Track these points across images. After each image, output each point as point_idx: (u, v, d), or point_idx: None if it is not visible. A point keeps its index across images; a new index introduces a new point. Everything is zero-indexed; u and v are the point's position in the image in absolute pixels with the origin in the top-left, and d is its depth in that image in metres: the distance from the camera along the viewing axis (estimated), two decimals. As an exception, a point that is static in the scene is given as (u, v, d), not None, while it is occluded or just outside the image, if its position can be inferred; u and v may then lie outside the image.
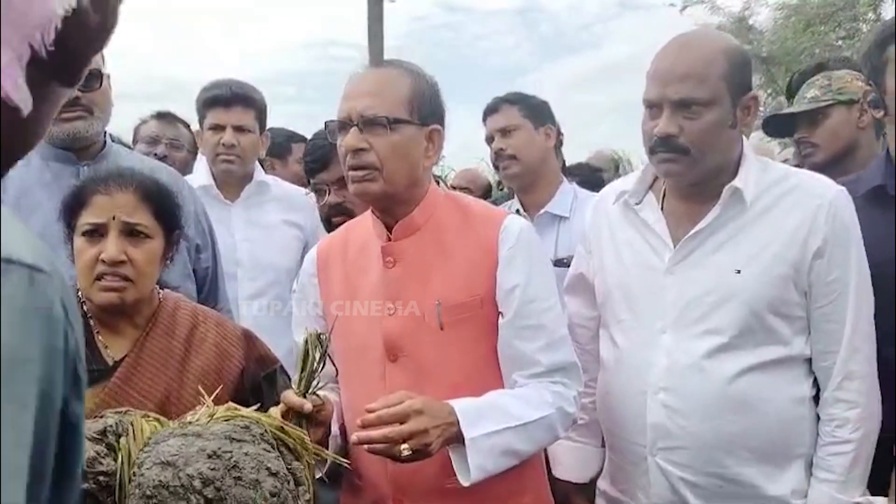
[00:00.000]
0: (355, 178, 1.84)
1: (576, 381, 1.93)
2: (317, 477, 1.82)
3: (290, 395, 1.72)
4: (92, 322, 1.84)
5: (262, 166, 3.44)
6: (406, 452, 1.64)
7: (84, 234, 1.82)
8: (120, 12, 0.65)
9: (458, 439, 1.73)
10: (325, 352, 1.75)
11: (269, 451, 1.54)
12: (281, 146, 3.93)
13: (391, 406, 1.68)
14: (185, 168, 3.51)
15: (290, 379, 1.99)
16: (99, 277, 1.80)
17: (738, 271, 1.93)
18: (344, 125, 1.84)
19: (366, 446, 1.68)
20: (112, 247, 1.80)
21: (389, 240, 1.91)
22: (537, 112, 3.08)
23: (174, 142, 3.59)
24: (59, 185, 2.15)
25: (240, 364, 1.93)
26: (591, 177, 4.99)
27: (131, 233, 1.83)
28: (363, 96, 1.82)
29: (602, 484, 2.24)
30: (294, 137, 4.03)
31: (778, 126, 3.19)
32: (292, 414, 1.72)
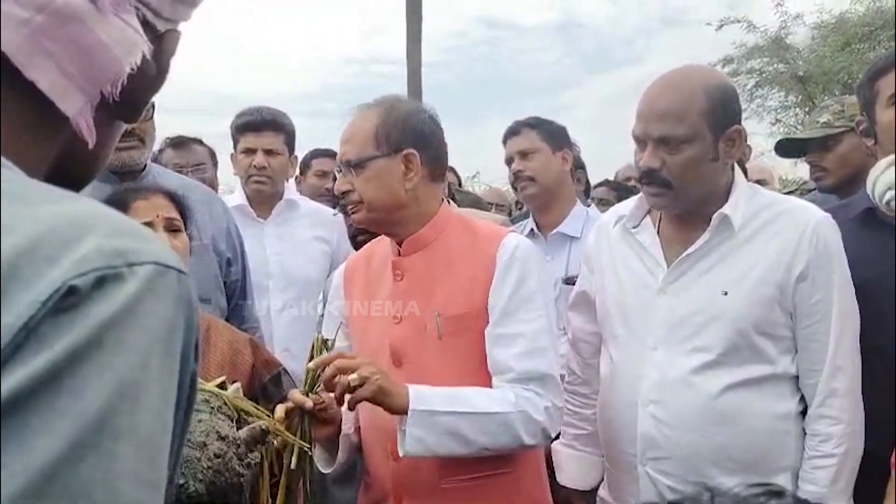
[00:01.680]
0: (349, 212, 2.13)
1: (551, 393, 2.03)
2: (325, 472, 2.08)
3: (295, 393, 1.95)
4: None
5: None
6: (352, 377, 1.83)
7: None
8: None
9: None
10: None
11: (223, 421, 1.71)
12: (302, 162, 4.19)
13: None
14: (213, 185, 3.82)
15: (292, 379, 2.27)
16: None
17: (726, 292, 2.07)
18: (338, 170, 2.12)
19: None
20: (175, 242, 2.08)
21: (400, 255, 2.10)
22: (555, 136, 3.23)
23: (198, 167, 3.84)
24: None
25: (250, 360, 2.18)
26: (623, 189, 5.15)
27: (171, 228, 2.10)
28: (341, 144, 2.11)
29: (602, 492, 2.40)
30: (314, 153, 4.31)
31: (791, 148, 3.31)
32: (297, 412, 1.93)
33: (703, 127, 2.03)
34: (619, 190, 5.07)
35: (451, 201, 2.57)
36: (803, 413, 2.11)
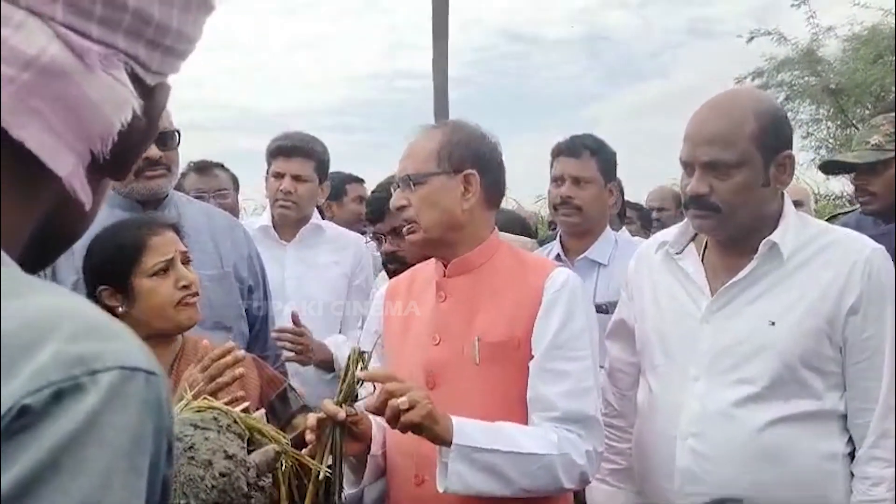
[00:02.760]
0: (404, 232, 2.12)
1: (594, 438, 2.01)
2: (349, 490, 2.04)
3: (328, 403, 1.89)
4: None
5: (321, 210, 3.72)
6: (402, 400, 1.79)
7: (155, 273, 2.08)
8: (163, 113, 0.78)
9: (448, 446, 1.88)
10: (366, 369, 1.93)
11: (231, 440, 1.66)
12: (336, 188, 4.22)
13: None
14: (234, 210, 3.90)
15: (298, 395, 2.26)
16: (179, 302, 2.09)
17: (773, 323, 2.02)
18: (396, 186, 2.12)
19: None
20: (189, 273, 2.13)
21: (444, 276, 2.10)
22: (609, 168, 3.13)
23: (220, 192, 3.87)
24: None
25: (257, 381, 2.19)
26: (646, 217, 5.07)
27: (186, 261, 2.15)
28: (402, 161, 2.13)
29: (636, 529, 2.32)
30: (349, 179, 4.37)
31: (836, 167, 3.23)
32: (329, 423, 1.88)
33: (753, 152, 1.99)
34: (641, 218, 5.01)
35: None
36: (850, 454, 2.04)
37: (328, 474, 1.85)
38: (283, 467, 1.77)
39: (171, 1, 0.70)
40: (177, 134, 2.57)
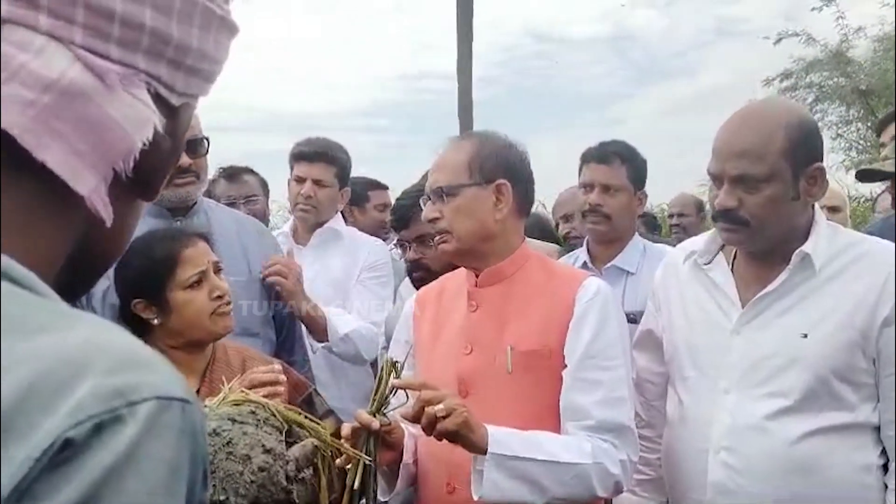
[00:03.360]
0: (436, 243, 2.14)
1: (628, 447, 2.02)
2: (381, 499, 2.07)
3: (362, 414, 1.91)
4: None
5: (342, 215, 3.76)
6: (439, 407, 1.80)
7: (189, 286, 2.12)
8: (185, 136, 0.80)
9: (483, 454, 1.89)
10: (399, 378, 1.95)
11: (269, 434, 1.68)
12: (359, 194, 4.24)
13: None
14: (264, 215, 3.95)
15: (323, 399, 2.31)
16: (213, 312, 2.14)
17: (805, 335, 2.01)
18: (427, 199, 2.14)
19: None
20: (222, 283, 2.19)
21: (476, 286, 2.12)
22: (640, 176, 3.12)
23: (250, 198, 3.90)
24: None
25: (284, 387, 2.18)
26: (650, 221, 5.07)
27: (217, 270, 2.19)
28: (433, 173, 2.14)
29: (666, 540, 2.31)
30: (372, 185, 4.38)
31: (873, 175, 3.19)
32: (363, 432, 1.90)
33: (783, 166, 1.98)
34: (646, 223, 5.00)
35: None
36: (884, 466, 2.03)
37: (369, 463, 1.87)
38: (324, 458, 1.78)
39: (191, 20, 0.71)
40: (206, 141, 2.59)
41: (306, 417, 1.86)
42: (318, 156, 3.41)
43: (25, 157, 0.64)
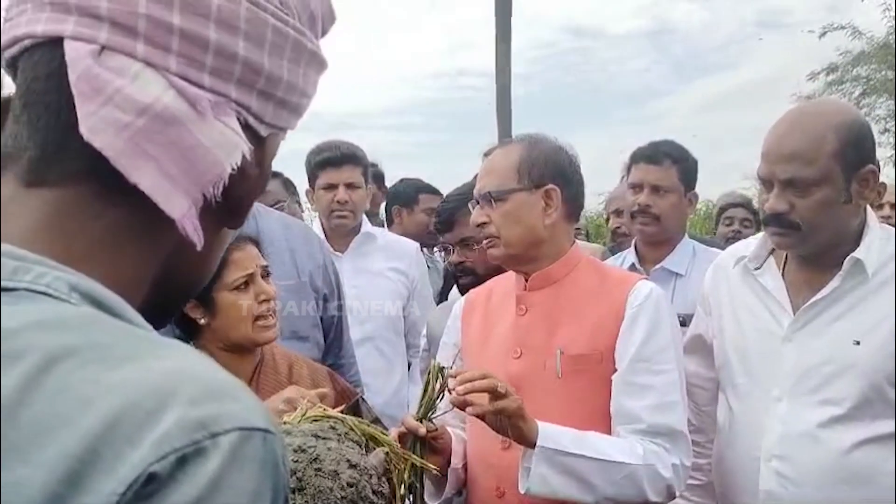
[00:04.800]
0: (485, 247, 2.15)
1: (681, 452, 2.00)
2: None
3: (409, 419, 1.95)
4: None
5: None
6: (502, 387, 1.83)
7: (235, 288, 2.14)
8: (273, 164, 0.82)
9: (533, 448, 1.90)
10: (446, 383, 1.95)
11: (351, 448, 1.70)
12: (409, 196, 4.35)
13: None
14: (296, 216, 3.98)
15: (370, 408, 2.34)
16: (258, 318, 2.15)
17: (858, 342, 1.99)
18: (475, 203, 2.14)
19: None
20: (269, 287, 2.19)
21: (525, 289, 2.12)
22: (690, 177, 3.09)
23: (275, 206, 3.96)
24: None
25: (331, 395, 2.23)
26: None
27: (265, 274, 2.21)
28: (481, 177, 2.15)
29: (717, 548, 2.31)
30: (421, 188, 4.42)
31: None
32: (410, 437, 1.92)
33: (834, 169, 1.96)
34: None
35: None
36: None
37: (420, 465, 1.89)
38: (396, 470, 1.80)
39: (282, 53, 0.73)
40: None
41: (378, 429, 1.87)
42: (346, 158, 3.41)
43: (117, 180, 0.66)
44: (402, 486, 1.85)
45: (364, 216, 3.59)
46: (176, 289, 0.78)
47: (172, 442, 0.56)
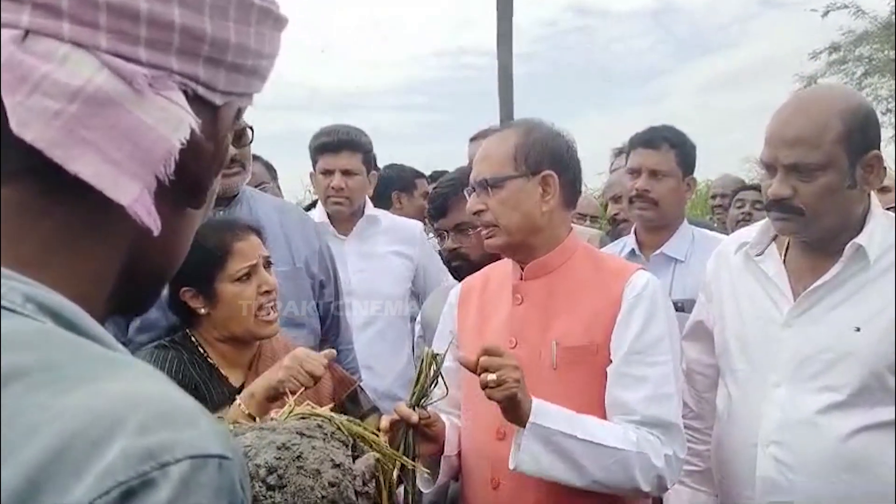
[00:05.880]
0: (483, 236, 2.12)
1: (674, 443, 1.99)
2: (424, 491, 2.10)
3: (401, 406, 1.94)
4: (212, 360, 2.19)
5: (382, 198, 3.78)
6: (491, 377, 1.82)
7: (238, 279, 2.14)
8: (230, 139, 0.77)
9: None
10: (439, 371, 1.95)
11: (337, 448, 1.68)
12: (407, 181, 4.36)
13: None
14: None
15: (368, 396, 2.34)
16: (259, 308, 2.15)
17: (858, 329, 1.99)
18: (471, 190, 2.12)
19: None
20: (270, 278, 2.20)
21: (521, 279, 2.10)
22: (688, 161, 3.07)
23: (258, 187, 3.94)
24: None
25: (330, 382, 2.24)
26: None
27: (267, 264, 2.20)
28: (476, 164, 2.13)
29: (715, 533, 2.30)
30: (417, 173, 4.45)
31: None
32: (402, 425, 1.92)
33: (839, 154, 1.95)
34: None
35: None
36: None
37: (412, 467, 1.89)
38: (385, 471, 1.78)
39: (225, 14, 0.68)
40: (250, 131, 2.59)
41: (367, 429, 1.84)
42: (343, 144, 3.38)
43: (62, 174, 0.62)
44: (390, 488, 1.83)
45: (367, 199, 3.57)
46: (146, 277, 0.74)
47: (116, 475, 0.53)
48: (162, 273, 0.76)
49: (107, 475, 0.53)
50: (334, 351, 2.12)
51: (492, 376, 1.82)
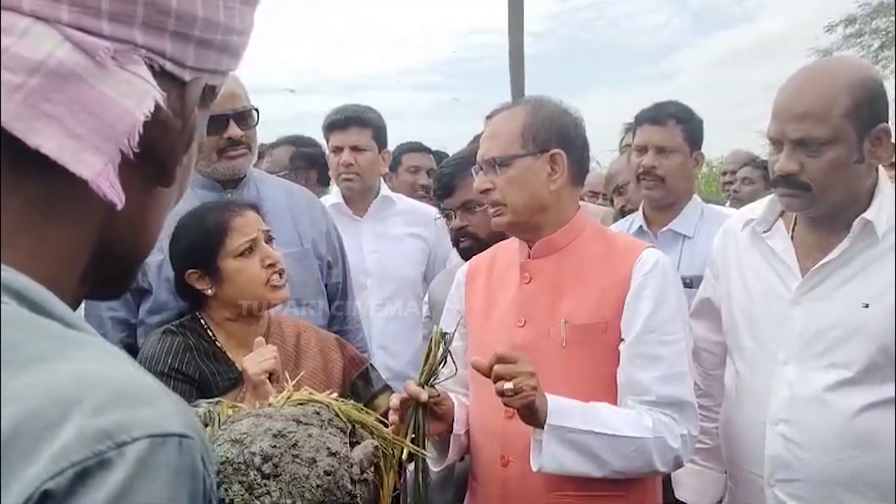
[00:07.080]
0: (491, 214, 2.12)
1: (688, 422, 1.99)
2: (433, 469, 2.09)
3: (411, 385, 1.94)
4: (219, 342, 2.20)
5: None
6: (508, 386, 1.80)
7: (241, 254, 2.15)
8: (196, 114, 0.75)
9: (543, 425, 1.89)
10: (448, 349, 1.95)
11: (334, 436, 1.68)
12: (393, 160, 4.25)
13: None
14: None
15: (379, 375, 2.34)
16: (267, 281, 2.17)
17: (867, 305, 1.97)
18: (479, 169, 2.11)
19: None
20: (273, 251, 2.21)
21: (529, 257, 2.10)
22: (696, 137, 3.05)
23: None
24: None
25: (340, 363, 2.26)
26: None
27: (268, 239, 2.22)
28: (485, 142, 2.11)
29: (725, 510, 2.31)
30: (403, 148, 4.41)
31: None
32: (412, 403, 1.92)
33: (846, 128, 1.92)
34: None
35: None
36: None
37: (423, 456, 1.89)
38: (385, 457, 1.78)
39: None
40: (255, 112, 2.59)
41: (370, 414, 1.85)
42: (350, 121, 3.41)
43: (25, 151, 0.61)
44: (392, 473, 1.82)
45: (382, 181, 3.57)
46: (119, 258, 0.73)
47: (70, 455, 0.52)
48: (134, 253, 0.75)
49: (61, 456, 0.52)
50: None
51: (508, 385, 1.81)
